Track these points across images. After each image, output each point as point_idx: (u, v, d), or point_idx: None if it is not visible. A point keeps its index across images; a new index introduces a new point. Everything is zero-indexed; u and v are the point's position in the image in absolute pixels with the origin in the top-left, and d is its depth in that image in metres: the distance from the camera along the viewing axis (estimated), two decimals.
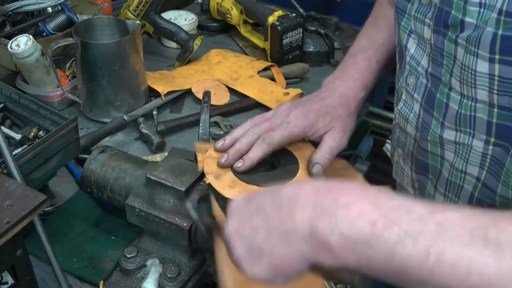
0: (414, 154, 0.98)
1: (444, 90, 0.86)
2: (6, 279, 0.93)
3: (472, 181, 0.89)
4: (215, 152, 0.95)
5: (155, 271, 1.04)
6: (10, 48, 1.35)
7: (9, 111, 1.26)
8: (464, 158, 0.88)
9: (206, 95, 1.45)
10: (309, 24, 1.78)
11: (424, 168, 0.97)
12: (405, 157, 1.02)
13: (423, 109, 0.92)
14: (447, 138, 0.88)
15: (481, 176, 0.87)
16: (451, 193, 0.93)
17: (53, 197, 1.22)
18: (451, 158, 0.90)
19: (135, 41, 1.42)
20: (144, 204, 1.02)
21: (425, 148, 0.94)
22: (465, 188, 0.90)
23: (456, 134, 0.87)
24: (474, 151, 0.85)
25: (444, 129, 0.88)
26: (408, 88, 0.95)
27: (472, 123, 0.84)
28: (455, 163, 0.89)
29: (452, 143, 0.88)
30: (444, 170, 0.92)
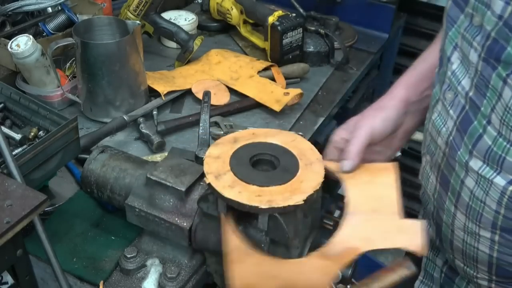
0: (441, 167, 0.96)
1: (482, 121, 0.84)
2: (6, 279, 0.93)
3: (491, 212, 0.88)
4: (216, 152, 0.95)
5: (155, 271, 1.04)
6: (10, 48, 1.35)
7: (9, 111, 1.26)
8: (484, 191, 0.87)
9: (206, 95, 1.45)
10: (309, 24, 1.78)
11: (446, 184, 0.95)
12: (432, 166, 1.01)
13: (456, 129, 0.90)
14: (472, 167, 0.87)
15: (500, 210, 0.87)
16: (471, 216, 0.92)
17: (53, 197, 1.22)
18: (471, 186, 0.89)
19: (135, 41, 1.42)
20: (144, 204, 1.02)
21: (453, 166, 0.92)
22: (485, 217, 0.89)
23: (482, 165, 0.86)
24: (495, 187, 0.85)
25: (472, 157, 0.87)
26: (445, 102, 0.93)
27: (501, 162, 0.83)
28: (475, 192, 0.89)
29: (475, 173, 0.87)
30: (463, 194, 0.91)
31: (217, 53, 1.73)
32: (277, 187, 0.87)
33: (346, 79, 1.73)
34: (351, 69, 1.77)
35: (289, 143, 0.96)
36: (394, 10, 1.90)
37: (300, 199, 0.85)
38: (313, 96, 1.63)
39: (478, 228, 0.92)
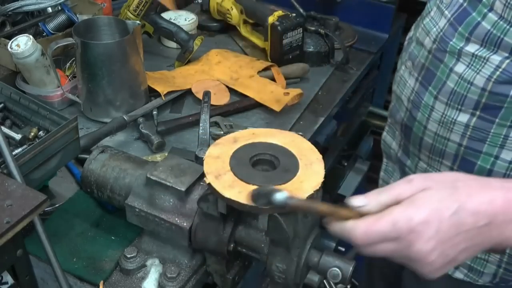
0: (425, 65, 1.06)
1: (483, 10, 0.94)
2: (6, 279, 0.93)
3: (477, 91, 0.97)
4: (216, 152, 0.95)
5: (155, 271, 1.04)
6: (10, 48, 1.35)
7: (9, 111, 1.26)
8: (476, 70, 0.97)
9: (206, 95, 1.45)
10: (309, 24, 1.78)
11: (429, 78, 1.05)
12: (413, 70, 1.10)
13: (449, 24, 1.00)
14: (467, 50, 0.97)
15: (487, 87, 0.96)
16: (453, 102, 1.01)
17: (53, 197, 1.22)
18: (461, 70, 0.99)
19: (135, 41, 1.42)
20: (144, 204, 1.02)
21: (441, 59, 1.02)
22: (469, 98, 0.99)
23: (479, 48, 0.96)
24: (490, 63, 0.95)
25: (469, 43, 0.97)
26: (441, 5, 1.05)
27: (498, 43, 0.93)
28: (464, 74, 0.98)
29: (469, 56, 0.97)
30: (449, 81, 1.01)
31: (217, 53, 1.73)
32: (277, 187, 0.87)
33: (346, 79, 1.73)
34: (351, 69, 1.77)
35: (289, 143, 0.96)
36: (394, 10, 1.91)
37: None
38: (313, 96, 1.63)
39: (458, 112, 1.01)
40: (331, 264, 0.93)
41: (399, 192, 0.74)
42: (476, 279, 1.12)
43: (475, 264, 1.10)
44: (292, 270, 0.93)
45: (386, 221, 0.71)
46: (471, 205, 0.71)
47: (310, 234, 0.96)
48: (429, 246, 0.70)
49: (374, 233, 0.72)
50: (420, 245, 0.70)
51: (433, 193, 0.72)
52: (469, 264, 1.10)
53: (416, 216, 0.70)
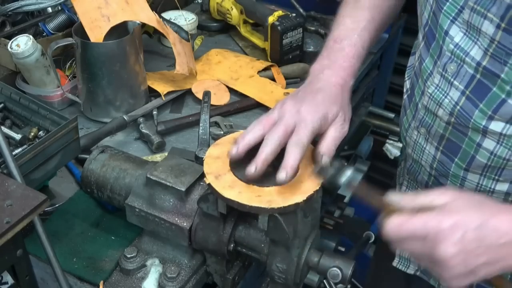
0: (445, 136, 1.00)
1: (505, 87, 0.87)
2: (6, 279, 0.93)
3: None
4: (216, 152, 0.95)
5: (155, 271, 1.04)
6: (10, 48, 1.35)
7: (9, 111, 1.26)
8: (509, 148, 0.91)
9: (206, 95, 1.45)
10: (309, 24, 1.78)
11: (454, 150, 0.99)
12: (430, 137, 1.03)
13: (466, 98, 0.93)
14: (493, 129, 0.91)
15: None
16: (489, 173, 0.96)
17: (53, 197, 1.22)
18: (491, 147, 0.93)
19: (135, 41, 1.42)
20: (144, 204, 1.02)
21: (464, 132, 0.96)
22: (508, 170, 0.94)
23: (505, 125, 0.90)
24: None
25: (492, 121, 0.91)
26: (446, 74, 0.96)
27: None
28: (496, 151, 0.93)
29: (497, 134, 0.91)
30: (479, 156, 0.95)
31: (217, 53, 1.73)
32: (277, 187, 0.87)
33: None
34: None
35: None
36: None
37: (300, 199, 0.85)
38: None
39: (495, 183, 0.96)
40: (331, 264, 0.93)
41: (433, 198, 0.80)
42: None
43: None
44: (292, 270, 0.93)
45: (418, 220, 0.77)
46: (493, 222, 0.75)
47: (310, 234, 0.96)
48: (452, 250, 0.74)
49: (405, 229, 0.78)
50: (444, 247, 0.74)
51: (462, 205, 0.78)
52: None
53: (445, 221, 0.75)
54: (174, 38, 1.51)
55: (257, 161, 0.87)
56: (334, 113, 0.97)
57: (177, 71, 1.48)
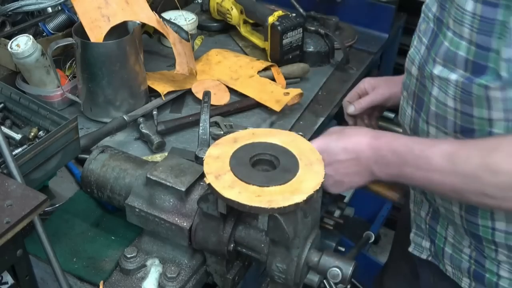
0: (415, 93, 1.09)
1: (444, 30, 0.97)
2: (6, 279, 0.93)
3: (452, 112, 0.99)
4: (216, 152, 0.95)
5: (155, 271, 1.04)
6: (10, 48, 1.35)
7: (9, 111, 1.26)
8: (444, 91, 0.99)
9: (206, 95, 1.45)
10: (309, 24, 1.78)
11: (421, 105, 1.08)
12: (408, 98, 1.13)
13: (427, 49, 1.03)
14: (435, 73, 0.99)
15: (457, 106, 0.98)
16: (440, 125, 1.04)
17: (53, 197, 1.22)
18: (436, 93, 1.01)
19: (135, 41, 1.42)
20: (144, 204, 1.02)
21: (424, 84, 1.05)
22: (449, 120, 1.01)
23: (442, 69, 0.98)
24: (451, 83, 0.96)
25: (435, 64, 0.99)
26: (419, 33, 1.08)
27: (454, 58, 0.95)
28: (438, 97, 1.01)
29: (437, 78, 0.99)
30: (432, 105, 1.04)
31: (217, 53, 1.73)
32: (277, 187, 0.87)
33: (346, 79, 1.73)
34: (351, 69, 1.76)
35: (289, 143, 0.96)
36: (394, 10, 1.90)
37: (300, 199, 0.85)
38: (313, 96, 1.62)
39: (446, 136, 1.03)
40: (331, 264, 0.93)
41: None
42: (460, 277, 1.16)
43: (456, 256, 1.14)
44: (292, 270, 0.93)
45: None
46: (342, 143, 1.04)
47: (310, 234, 0.96)
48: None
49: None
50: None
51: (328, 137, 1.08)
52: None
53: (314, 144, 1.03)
54: (174, 38, 1.51)
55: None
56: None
57: (177, 71, 1.48)
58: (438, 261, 1.23)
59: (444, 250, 1.18)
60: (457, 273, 1.17)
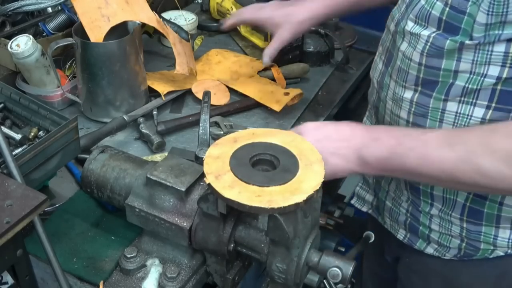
0: (388, 48, 1.15)
1: None
2: (6, 279, 0.93)
3: (415, 66, 1.04)
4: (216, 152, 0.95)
5: (155, 271, 1.04)
6: (10, 48, 1.35)
7: (9, 111, 1.26)
8: (413, 47, 1.04)
9: (206, 95, 1.45)
10: None
11: (390, 59, 1.14)
12: (382, 53, 1.19)
13: (405, 7, 1.08)
14: (407, 29, 1.05)
15: (422, 61, 1.03)
16: (400, 79, 1.09)
17: (53, 197, 1.22)
18: (404, 48, 1.06)
19: (135, 41, 1.42)
20: (144, 204, 1.02)
21: (395, 39, 1.10)
22: (411, 74, 1.06)
23: (413, 25, 1.03)
24: (421, 39, 1.01)
25: (407, 21, 1.05)
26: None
27: (427, 17, 1.00)
28: (406, 52, 1.06)
29: (408, 34, 1.05)
30: (398, 60, 1.09)
31: (217, 53, 1.73)
32: (277, 187, 0.87)
33: (346, 79, 1.73)
34: (351, 69, 1.76)
35: (289, 143, 0.96)
36: None
37: (301, 199, 0.85)
38: (313, 96, 1.63)
39: (404, 89, 1.08)
40: (331, 264, 0.93)
41: None
42: (444, 253, 1.19)
43: (441, 240, 1.17)
44: (292, 270, 0.93)
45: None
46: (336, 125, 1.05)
47: (310, 234, 0.96)
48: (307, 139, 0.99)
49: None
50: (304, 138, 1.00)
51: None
52: (437, 240, 1.18)
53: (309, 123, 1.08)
54: (174, 38, 1.51)
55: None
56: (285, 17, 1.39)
57: (177, 71, 1.48)
58: (377, 214, 1.34)
59: (385, 204, 1.27)
60: (394, 225, 1.26)
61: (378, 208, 1.33)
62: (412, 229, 1.22)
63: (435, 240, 1.18)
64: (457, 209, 1.11)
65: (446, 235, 1.16)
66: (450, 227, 1.14)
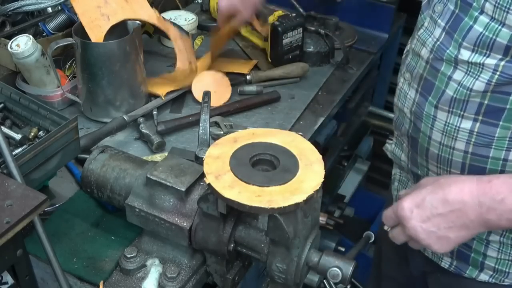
0: (423, 76, 1.08)
1: (474, 14, 0.95)
2: (6, 279, 0.93)
3: (479, 95, 0.99)
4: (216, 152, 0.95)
5: (155, 271, 1.04)
6: (10, 48, 1.35)
7: (9, 111, 1.26)
8: (474, 76, 0.98)
9: (206, 95, 1.45)
10: (309, 24, 1.78)
11: (429, 88, 1.07)
12: (412, 81, 1.12)
13: (445, 32, 1.02)
14: (461, 58, 0.98)
15: (488, 89, 0.97)
16: (455, 109, 1.03)
17: (53, 197, 1.22)
18: (460, 77, 1.00)
19: (135, 41, 1.42)
20: (144, 204, 1.02)
21: (438, 68, 1.04)
22: (471, 102, 1.00)
23: (471, 54, 0.97)
24: (486, 68, 0.96)
25: (461, 49, 0.98)
26: (434, 15, 1.05)
27: (490, 45, 0.94)
28: (463, 81, 1.00)
29: (465, 63, 0.98)
30: (448, 89, 1.02)
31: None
32: (277, 187, 0.87)
33: (346, 79, 1.73)
34: (351, 69, 1.77)
35: (289, 143, 0.96)
36: (394, 10, 1.90)
37: (300, 199, 0.85)
38: (313, 96, 1.63)
39: (460, 119, 1.02)
40: (331, 264, 0.93)
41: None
42: (503, 279, 1.14)
43: (499, 265, 1.12)
44: (292, 270, 0.93)
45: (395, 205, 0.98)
46: (441, 194, 0.93)
47: (310, 234, 0.96)
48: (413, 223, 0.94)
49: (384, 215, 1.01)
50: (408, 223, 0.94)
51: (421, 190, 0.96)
52: (493, 266, 1.13)
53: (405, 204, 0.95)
54: (175, 35, 1.51)
55: None
56: None
57: (178, 67, 1.48)
58: None
59: None
60: (437, 253, 1.20)
61: None
62: (461, 257, 1.15)
63: (491, 266, 1.13)
64: None
65: (505, 260, 1.12)
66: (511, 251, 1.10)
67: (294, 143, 0.96)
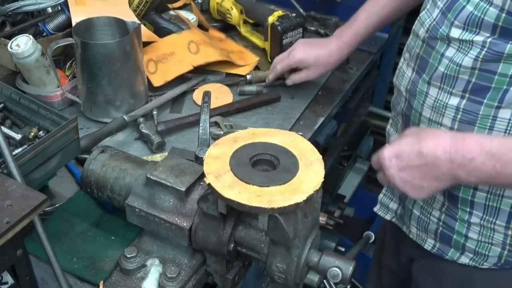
0: (419, 54, 1.12)
1: None
2: (6, 279, 0.93)
3: (467, 71, 1.02)
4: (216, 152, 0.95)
5: (155, 271, 1.04)
6: (10, 48, 1.35)
7: (9, 111, 1.26)
8: (464, 53, 1.01)
9: (206, 95, 1.45)
10: (309, 24, 1.78)
11: (423, 66, 1.11)
12: (410, 60, 1.16)
13: (441, 13, 1.05)
14: (452, 35, 1.02)
15: (476, 65, 1.01)
16: (445, 85, 1.06)
17: (53, 197, 1.22)
18: (451, 54, 1.04)
19: (135, 41, 1.42)
20: (144, 204, 1.02)
21: (433, 46, 1.08)
22: (460, 78, 1.04)
23: (462, 32, 1.01)
24: (475, 45, 0.99)
25: (452, 27, 1.03)
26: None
27: (479, 23, 0.98)
28: (454, 58, 1.04)
29: (457, 40, 1.02)
30: (440, 66, 1.06)
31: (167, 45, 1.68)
32: (277, 187, 0.87)
33: (346, 79, 1.73)
34: (351, 69, 1.76)
35: (289, 143, 0.96)
36: None
37: (300, 199, 0.85)
38: (313, 96, 1.63)
39: (449, 96, 1.06)
40: (331, 264, 0.93)
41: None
42: (482, 263, 1.16)
43: (480, 248, 1.14)
44: (292, 270, 0.93)
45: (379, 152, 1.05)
46: (417, 147, 0.98)
47: (310, 234, 0.96)
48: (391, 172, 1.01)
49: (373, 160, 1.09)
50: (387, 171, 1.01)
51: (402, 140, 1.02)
52: (474, 249, 1.15)
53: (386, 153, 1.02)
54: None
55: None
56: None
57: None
58: (402, 223, 1.30)
59: (412, 212, 1.24)
60: (421, 235, 1.23)
61: (403, 217, 1.29)
62: (444, 238, 1.18)
63: (472, 249, 1.15)
64: (501, 217, 1.09)
65: (485, 243, 1.13)
66: (492, 235, 1.11)
67: (294, 143, 0.96)
